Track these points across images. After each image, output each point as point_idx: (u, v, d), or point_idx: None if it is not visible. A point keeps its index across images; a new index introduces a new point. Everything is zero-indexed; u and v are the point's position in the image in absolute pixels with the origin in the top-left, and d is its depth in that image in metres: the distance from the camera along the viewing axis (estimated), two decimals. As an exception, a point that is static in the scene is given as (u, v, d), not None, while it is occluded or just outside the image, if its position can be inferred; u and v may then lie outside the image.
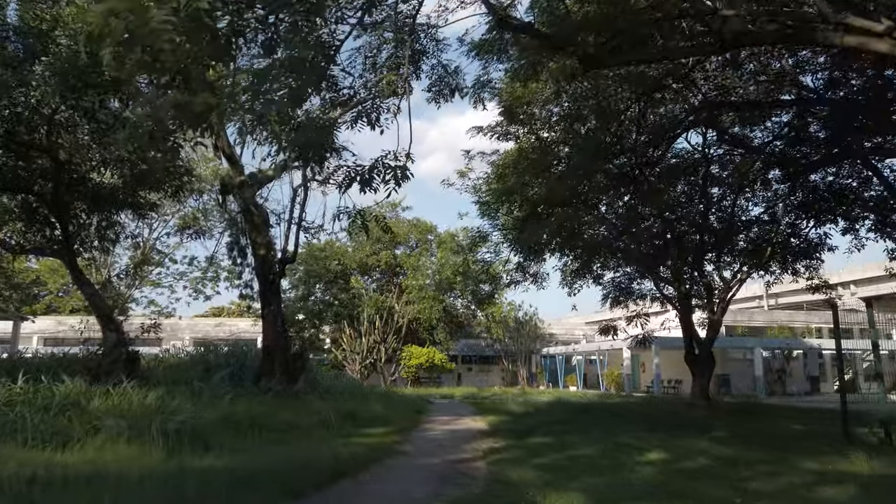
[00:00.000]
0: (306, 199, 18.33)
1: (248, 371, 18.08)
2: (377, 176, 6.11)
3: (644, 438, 10.42)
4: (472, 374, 48.67)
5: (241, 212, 17.91)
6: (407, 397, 21.02)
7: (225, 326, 48.93)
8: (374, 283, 43.46)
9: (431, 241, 43.24)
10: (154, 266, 32.86)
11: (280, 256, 18.05)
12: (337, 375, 26.21)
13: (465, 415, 15.93)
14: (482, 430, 12.31)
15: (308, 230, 19.94)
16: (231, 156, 17.98)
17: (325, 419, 12.35)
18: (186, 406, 10.74)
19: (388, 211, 43.22)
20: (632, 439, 10.31)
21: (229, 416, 10.89)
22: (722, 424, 12.81)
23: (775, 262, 18.43)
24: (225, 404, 12.21)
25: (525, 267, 18.92)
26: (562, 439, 10.34)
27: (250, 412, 11.70)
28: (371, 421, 12.93)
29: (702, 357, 17.23)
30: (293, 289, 42.27)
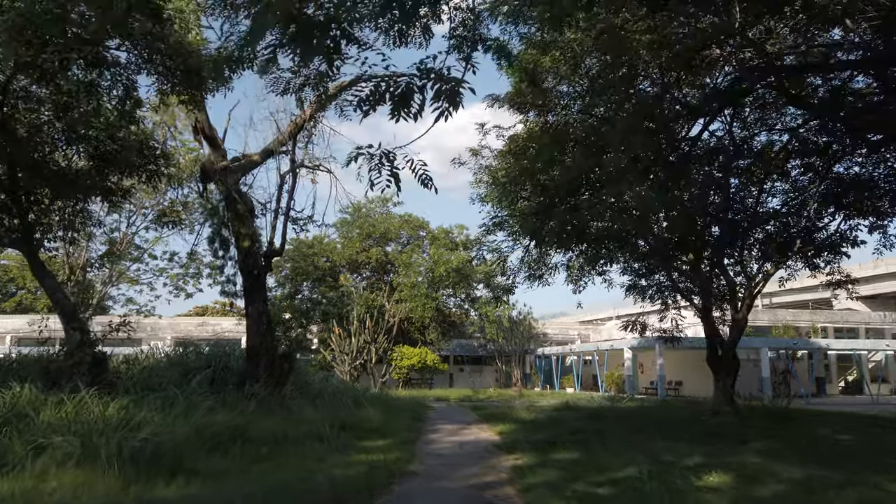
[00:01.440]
0: (294, 186, 16.83)
1: (231, 374, 16.55)
2: (419, 90, 4.50)
3: (685, 453, 9.07)
4: (464, 375, 47.31)
5: (224, 200, 16.37)
6: (402, 401, 19.57)
7: (208, 326, 47.19)
8: (363, 280, 41.93)
9: (423, 237, 41.79)
10: (132, 262, 31.08)
11: (266, 249, 16.54)
12: (326, 377, 24.70)
13: (469, 422, 14.52)
14: (494, 441, 10.92)
15: (296, 221, 18.44)
16: (212, 138, 16.43)
17: (317, 430, 10.89)
18: (155, 418, 9.23)
19: (378, 206, 41.81)
20: (672, 455, 8.96)
21: (206, 428, 9.40)
22: (760, 434, 11.51)
23: (798, 256, 17.21)
24: (202, 414, 10.70)
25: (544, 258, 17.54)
26: (591, 455, 8.96)
27: (231, 423, 10.22)
28: (368, 431, 11.49)
29: (725, 358, 15.96)
30: (279, 287, 40.69)
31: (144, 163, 14.54)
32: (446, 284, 38.66)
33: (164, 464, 7.25)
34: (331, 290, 39.39)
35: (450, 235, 40.98)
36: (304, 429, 11.09)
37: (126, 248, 29.15)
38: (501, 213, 17.79)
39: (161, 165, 14.94)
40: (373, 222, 40.34)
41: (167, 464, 7.30)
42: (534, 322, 44.81)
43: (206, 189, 17.28)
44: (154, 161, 14.77)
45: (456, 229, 41.32)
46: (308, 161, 17.62)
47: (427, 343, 38.74)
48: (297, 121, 16.59)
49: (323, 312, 38.32)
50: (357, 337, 34.73)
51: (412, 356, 37.12)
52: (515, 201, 14.94)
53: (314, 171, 17.69)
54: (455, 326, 42.12)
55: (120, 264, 29.99)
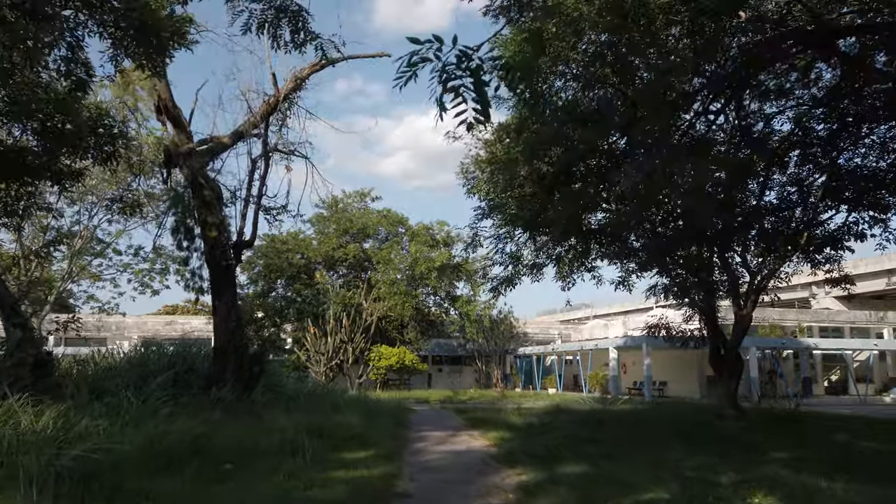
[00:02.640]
0: (267, 171, 15.54)
1: (196, 376, 15.21)
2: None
3: (709, 466, 8.04)
4: (443, 376, 46.19)
5: (189, 186, 15.00)
6: (382, 404, 18.34)
7: (177, 325, 45.43)
8: (340, 278, 40.50)
9: (403, 233, 40.49)
10: (94, 257, 29.28)
11: (235, 240, 15.22)
12: (300, 378, 23.36)
13: (457, 428, 13.35)
14: (489, 451, 9.78)
15: (269, 211, 17.09)
16: (176, 118, 15.06)
17: (291, 439, 9.65)
18: (100, 428, 7.92)
19: (355, 200, 40.46)
20: (695, 467, 7.92)
21: (161, 440, 8.10)
22: (776, 440, 10.55)
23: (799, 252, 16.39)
24: (159, 422, 9.41)
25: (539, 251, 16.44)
26: (604, 469, 7.88)
27: (191, 433, 8.92)
28: (348, 440, 10.26)
29: (730, 358, 15.04)
30: (252, 284, 39.11)
31: (100, 142, 13.14)
32: (426, 283, 37.42)
33: (101, 485, 5.97)
34: (306, 288, 37.92)
35: (430, 232, 39.74)
36: (276, 438, 9.83)
37: (87, 242, 27.42)
38: (491, 202, 16.68)
39: (119, 146, 13.52)
40: (350, 217, 38.94)
41: (106, 485, 6.03)
42: (514, 321, 43.88)
43: (169, 174, 15.89)
44: (111, 141, 13.36)
45: (437, 225, 40.15)
46: (282, 146, 16.34)
47: (406, 343, 37.50)
48: (270, 101, 15.30)
49: (297, 311, 36.85)
50: (333, 336, 33.35)
51: (390, 356, 35.85)
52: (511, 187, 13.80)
53: (289, 156, 16.41)
54: (434, 325, 40.93)
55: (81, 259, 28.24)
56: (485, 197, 18.25)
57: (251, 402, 14.02)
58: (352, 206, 40.52)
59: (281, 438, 9.84)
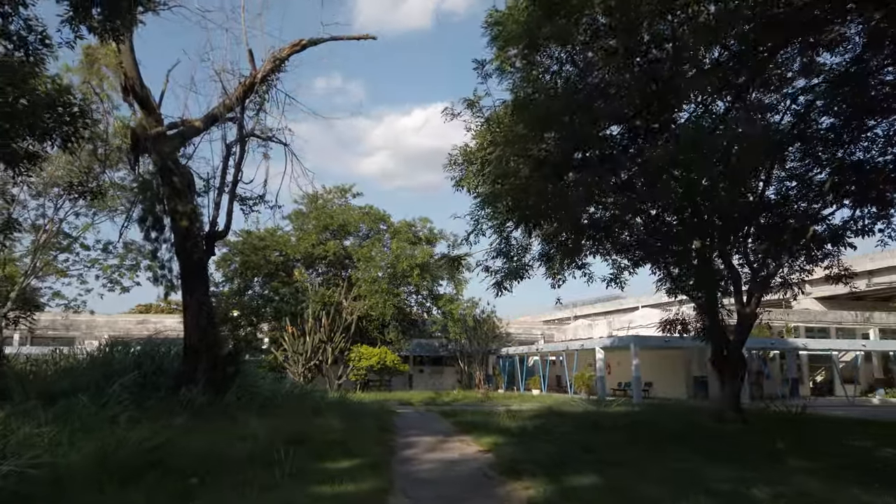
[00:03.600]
0: (243, 158, 14.49)
1: (165, 377, 14.16)
2: None
3: (734, 477, 7.27)
4: (424, 377, 45.26)
5: (158, 172, 13.94)
6: (365, 407, 17.39)
7: (149, 324, 43.94)
8: (320, 276, 39.36)
9: (385, 230, 39.47)
10: (60, 251, 27.87)
11: (208, 230, 14.18)
12: (277, 379, 22.30)
13: (446, 433, 12.46)
14: (487, 460, 8.92)
15: (245, 200, 16.05)
16: (145, 99, 14.00)
17: (266, 447, 8.71)
18: (45, 437, 6.91)
19: (336, 197, 39.40)
20: (720, 480, 7.13)
21: (116, 449, 7.10)
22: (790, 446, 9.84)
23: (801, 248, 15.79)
24: (116, 428, 8.39)
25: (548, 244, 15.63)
26: (619, 481, 7.06)
27: (152, 441, 7.91)
28: (329, 447, 9.32)
29: (733, 358, 14.35)
30: (228, 282, 37.80)
31: (58, 122, 12.05)
32: (408, 281, 36.45)
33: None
34: (284, 286, 36.72)
35: (413, 229, 38.80)
36: (249, 446, 8.88)
37: (52, 235, 26.05)
38: (481, 195, 15.81)
39: (80, 126, 12.41)
40: (330, 213, 37.80)
41: (43, 508, 5.06)
42: (497, 321, 43.11)
43: (137, 160, 14.76)
44: (71, 121, 12.26)
45: (419, 222, 39.20)
46: (259, 131, 15.32)
47: (387, 343, 36.49)
48: (246, 82, 14.28)
49: (275, 310, 35.65)
50: (312, 336, 32.28)
51: (371, 356, 34.81)
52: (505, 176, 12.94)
53: (267, 142, 15.41)
54: (416, 325, 39.97)
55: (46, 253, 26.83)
56: (474, 189, 17.46)
57: (224, 404, 13.02)
58: (332, 202, 39.41)
59: (255, 446, 8.90)
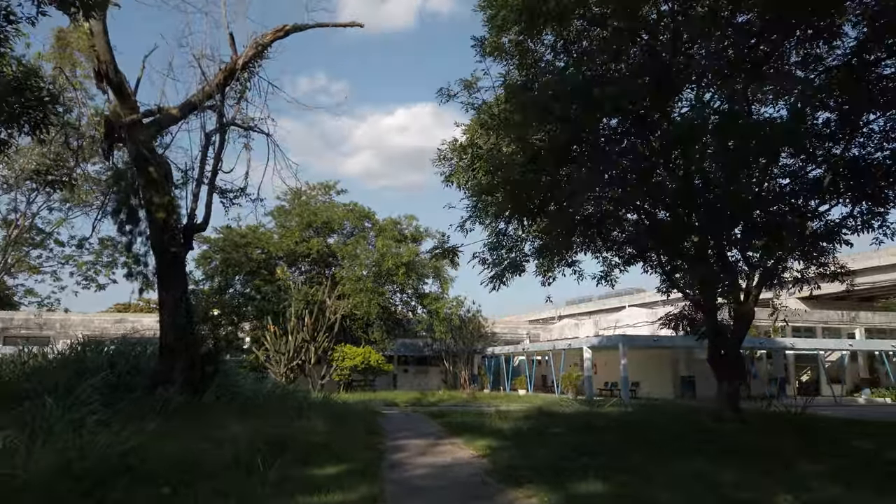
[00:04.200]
0: (223, 147, 13.83)
1: (140, 377, 13.48)
2: None
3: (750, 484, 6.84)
4: (409, 377, 44.69)
5: (133, 161, 13.26)
6: (350, 408, 16.81)
7: (126, 323, 42.81)
8: (303, 274, 38.62)
9: (370, 228, 38.82)
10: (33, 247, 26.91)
11: (186, 223, 13.51)
12: (259, 379, 21.62)
13: (437, 435, 11.93)
14: (482, 465, 8.41)
15: (225, 193, 15.39)
16: (119, 85, 13.29)
17: (246, 452, 8.13)
18: None
19: (320, 193, 38.68)
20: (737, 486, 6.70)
21: (81, 456, 6.49)
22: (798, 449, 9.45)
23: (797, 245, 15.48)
24: (84, 434, 7.75)
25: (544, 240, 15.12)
26: (628, 488, 6.61)
27: (121, 446, 7.29)
28: (314, 452, 8.76)
29: (731, 356, 13.99)
30: (208, 280, 36.92)
31: (25, 107, 11.36)
32: (393, 279, 35.85)
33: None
34: (266, 284, 35.95)
35: (398, 227, 38.19)
36: (228, 451, 8.29)
37: (24, 231, 25.13)
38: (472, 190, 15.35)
39: (50, 112, 11.73)
40: (314, 210, 37.06)
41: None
42: (483, 320, 42.67)
43: (111, 149, 14.05)
44: (40, 106, 11.57)
45: (405, 220, 38.61)
46: (241, 120, 14.68)
47: (371, 342, 35.85)
48: (227, 68, 13.64)
49: (257, 308, 34.88)
50: (294, 335, 31.61)
51: (355, 356, 34.18)
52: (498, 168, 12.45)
53: (248, 132, 14.76)
54: (401, 324, 39.37)
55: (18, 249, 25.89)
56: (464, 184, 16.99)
57: (202, 406, 12.39)
58: (316, 198, 38.69)
59: (234, 451, 8.32)
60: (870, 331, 35.60)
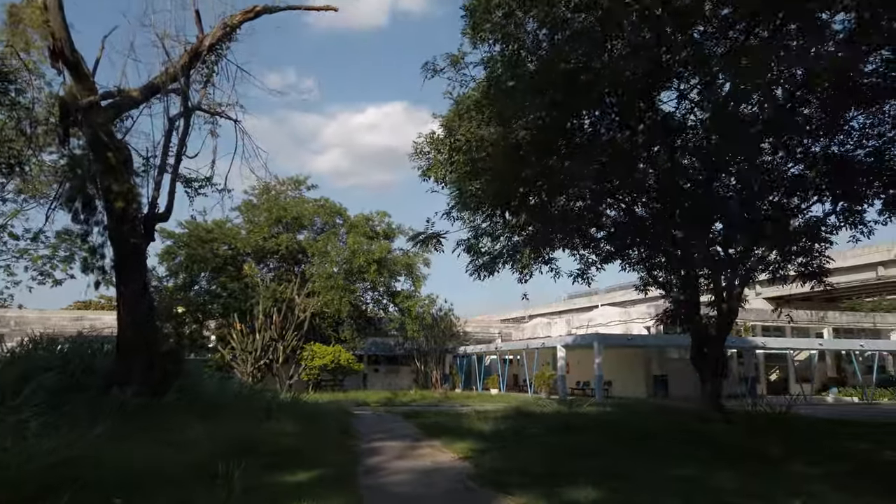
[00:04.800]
0: (187, 132, 13.05)
1: (95, 377, 12.62)
2: None
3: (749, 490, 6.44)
4: (379, 376, 43.98)
5: (90, 146, 12.41)
6: (321, 408, 16.15)
7: (86, 320, 41.17)
8: (271, 271, 37.63)
9: (340, 224, 37.99)
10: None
11: (147, 213, 12.71)
12: (225, 379, 20.76)
13: (414, 437, 11.36)
14: (465, 469, 7.89)
15: (190, 182, 14.58)
16: (75, 65, 12.39)
17: (209, 457, 7.49)
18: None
19: (290, 188, 37.76)
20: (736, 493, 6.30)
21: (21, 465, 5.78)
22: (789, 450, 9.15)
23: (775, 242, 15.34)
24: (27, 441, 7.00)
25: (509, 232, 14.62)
26: (623, 494, 6.14)
27: (68, 453, 6.59)
28: (283, 457, 8.14)
29: (714, 355, 13.72)
30: (172, 276, 35.68)
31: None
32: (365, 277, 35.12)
33: None
34: (233, 281, 34.88)
35: (370, 223, 37.45)
36: (190, 457, 7.63)
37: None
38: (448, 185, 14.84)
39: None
40: (283, 206, 36.08)
41: None
42: (455, 319, 42.20)
43: (67, 133, 13.15)
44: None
45: (377, 216, 37.88)
46: (207, 106, 13.89)
47: (341, 341, 35.08)
48: (192, 49, 12.86)
49: (223, 306, 33.79)
50: (262, 334, 30.66)
51: (324, 355, 33.35)
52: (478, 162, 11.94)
53: (215, 118, 13.98)
54: (372, 323, 38.64)
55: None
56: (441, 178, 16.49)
57: (161, 407, 11.61)
58: (285, 194, 37.72)
59: (196, 457, 7.66)
60: (837, 330, 36.12)
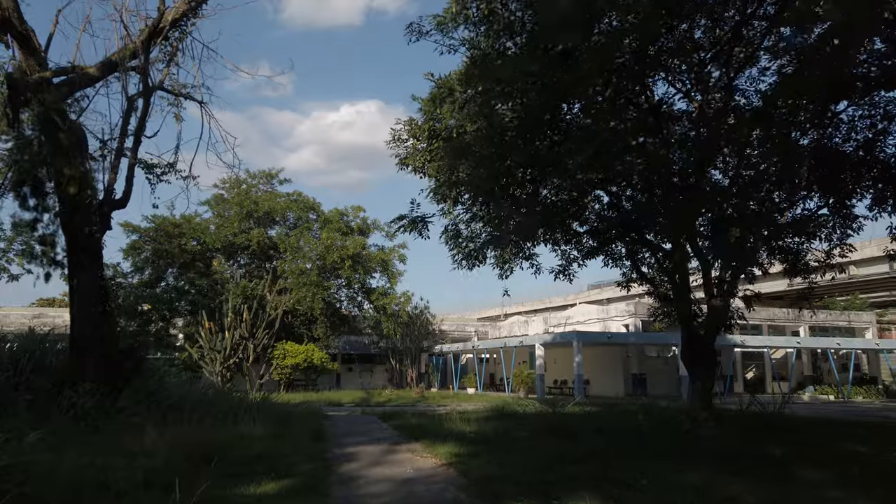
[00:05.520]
0: (148, 112, 12.12)
1: (46, 375, 11.66)
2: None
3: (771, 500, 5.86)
4: (353, 375, 43.11)
5: (40, 127, 11.44)
6: (292, 410, 15.31)
7: (46, 318, 39.56)
8: (241, 268, 36.49)
9: (314, 220, 37.00)
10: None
11: (103, 199, 11.77)
12: (191, 379, 19.77)
13: (392, 440, 10.61)
14: (451, 476, 7.20)
15: (152, 168, 13.63)
16: (25, 38, 11.44)
17: (164, 467, 6.69)
18: None
19: (261, 182, 36.67)
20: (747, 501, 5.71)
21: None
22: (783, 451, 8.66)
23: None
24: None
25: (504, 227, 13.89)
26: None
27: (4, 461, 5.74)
28: (248, 465, 7.37)
29: (705, 354, 13.23)
30: (137, 272, 34.36)
31: None
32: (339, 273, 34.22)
33: None
34: (201, 278, 33.71)
35: (344, 218, 36.53)
36: (144, 464, 6.82)
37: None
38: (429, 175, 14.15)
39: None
40: (255, 199, 34.97)
41: None
42: (431, 317, 41.51)
43: (16, 112, 12.11)
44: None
45: (352, 211, 36.97)
46: (171, 86, 12.98)
47: (314, 339, 34.12)
48: (153, 23, 11.95)
49: (191, 303, 32.60)
50: (231, 332, 29.57)
51: (297, 354, 32.39)
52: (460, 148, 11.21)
53: (179, 99, 13.07)
54: (346, 321, 37.72)
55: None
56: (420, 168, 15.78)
57: (117, 410, 10.72)
58: (257, 187, 36.60)
59: (149, 464, 6.85)
60: (813, 329, 36.26)
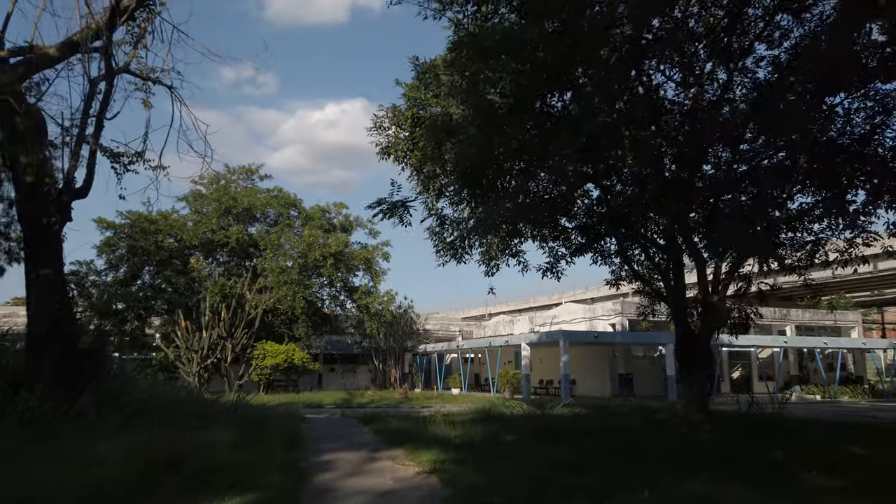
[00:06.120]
0: (110, 96, 11.33)
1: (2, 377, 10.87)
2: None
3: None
4: (335, 376, 42.34)
5: (-6, 109, 10.63)
6: (267, 412, 14.61)
7: (17, 318, 38.32)
8: (220, 265, 35.56)
9: (295, 217, 36.16)
10: None
11: (62, 187, 10.99)
12: (166, 380, 18.93)
13: (372, 447, 9.94)
14: (434, 487, 6.57)
15: (118, 156, 12.83)
16: (-22, 14, 10.64)
17: (120, 479, 6.01)
18: None
19: (241, 177, 35.78)
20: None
21: None
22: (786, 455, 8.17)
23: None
24: None
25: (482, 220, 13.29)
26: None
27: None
28: (212, 475, 6.68)
29: (701, 354, 12.71)
30: (112, 270, 33.29)
31: None
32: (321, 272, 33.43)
33: None
34: (178, 276, 32.76)
35: (326, 215, 35.73)
36: (92, 477, 6.12)
37: None
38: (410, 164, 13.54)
39: None
40: (234, 195, 34.06)
41: None
42: (415, 317, 40.86)
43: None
44: None
45: (334, 208, 36.17)
46: (138, 70, 12.21)
47: (295, 339, 33.30)
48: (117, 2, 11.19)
49: (167, 302, 31.65)
50: (209, 331, 28.71)
51: (277, 354, 31.57)
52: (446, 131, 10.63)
53: (147, 84, 12.30)
54: (328, 320, 36.93)
55: None
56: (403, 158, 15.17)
57: (76, 413, 9.96)
58: (236, 183, 35.69)
59: (101, 476, 6.16)
60: (799, 328, 36.17)
